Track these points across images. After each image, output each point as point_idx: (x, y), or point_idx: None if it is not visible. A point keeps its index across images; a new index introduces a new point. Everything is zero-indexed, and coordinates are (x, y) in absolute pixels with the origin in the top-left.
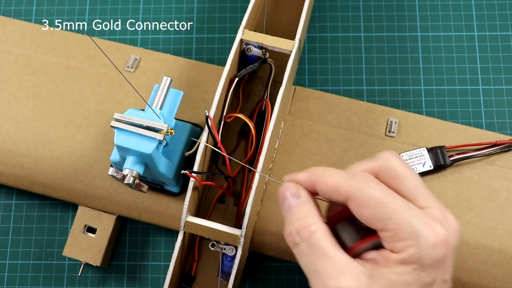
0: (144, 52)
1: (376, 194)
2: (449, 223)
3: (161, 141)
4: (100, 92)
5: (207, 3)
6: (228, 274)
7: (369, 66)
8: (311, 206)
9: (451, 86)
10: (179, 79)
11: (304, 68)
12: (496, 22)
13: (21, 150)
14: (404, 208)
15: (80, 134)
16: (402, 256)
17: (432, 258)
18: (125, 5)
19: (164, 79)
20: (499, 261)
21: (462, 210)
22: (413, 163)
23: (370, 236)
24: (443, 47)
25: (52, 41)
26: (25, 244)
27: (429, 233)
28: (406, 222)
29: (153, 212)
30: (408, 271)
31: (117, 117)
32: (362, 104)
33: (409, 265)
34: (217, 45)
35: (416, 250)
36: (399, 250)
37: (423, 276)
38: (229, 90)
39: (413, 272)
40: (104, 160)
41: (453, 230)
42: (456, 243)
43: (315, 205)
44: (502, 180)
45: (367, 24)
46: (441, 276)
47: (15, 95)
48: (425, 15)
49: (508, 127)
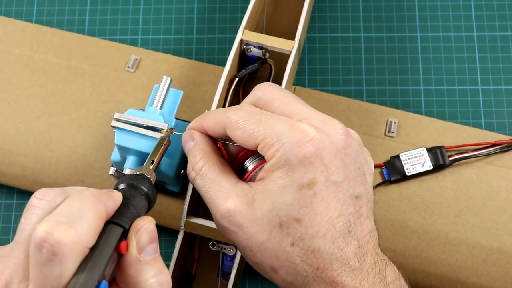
0: (145, 52)
1: (242, 115)
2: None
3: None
4: (100, 92)
5: (207, 3)
6: (228, 274)
7: (369, 66)
8: (203, 146)
9: (451, 86)
10: (179, 79)
11: (304, 68)
12: (495, 23)
13: (22, 150)
14: (268, 119)
15: (81, 134)
16: (272, 162)
17: (298, 156)
18: (125, 5)
19: (164, 78)
20: (498, 260)
21: (462, 210)
22: (412, 163)
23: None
24: (442, 48)
25: (52, 42)
26: None
27: (292, 133)
28: (270, 129)
29: (153, 212)
30: (280, 175)
31: (117, 117)
32: (361, 104)
33: (280, 168)
34: (217, 45)
35: (282, 152)
36: (269, 158)
37: (297, 177)
38: (229, 90)
39: (285, 175)
40: (104, 160)
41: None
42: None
43: (209, 144)
44: (501, 180)
45: (366, 24)
46: (324, 176)
47: (16, 95)
48: (424, 15)
49: (507, 127)
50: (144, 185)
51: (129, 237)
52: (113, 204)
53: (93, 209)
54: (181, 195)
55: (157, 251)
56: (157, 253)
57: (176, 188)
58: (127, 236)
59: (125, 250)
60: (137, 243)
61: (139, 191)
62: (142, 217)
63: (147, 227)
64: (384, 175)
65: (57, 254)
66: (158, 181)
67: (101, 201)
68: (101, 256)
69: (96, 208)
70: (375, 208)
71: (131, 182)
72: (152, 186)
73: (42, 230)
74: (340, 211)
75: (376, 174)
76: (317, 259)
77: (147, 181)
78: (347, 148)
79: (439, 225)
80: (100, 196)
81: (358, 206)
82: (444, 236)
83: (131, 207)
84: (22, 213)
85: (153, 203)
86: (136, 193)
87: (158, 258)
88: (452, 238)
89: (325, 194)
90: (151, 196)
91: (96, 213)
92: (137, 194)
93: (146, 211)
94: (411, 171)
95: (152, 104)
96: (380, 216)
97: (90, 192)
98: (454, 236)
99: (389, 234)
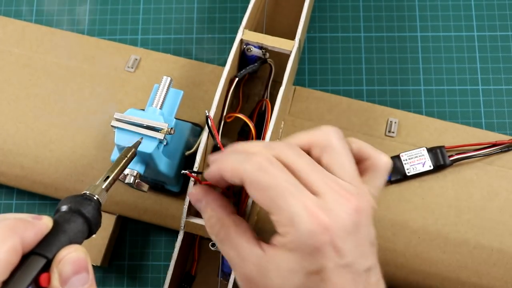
0: (144, 52)
1: (263, 178)
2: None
3: (161, 141)
4: (100, 92)
5: (207, 3)
6: (228, 274)
7: (369, 66)
8: (214, 206)
9: (451, 86)
10: (179, 79)
11: (304, 68)
12: (496, 23)
13: (22, 150)
14: (289, 193)
15: (80, 134)
16: (284, 241)
17: (311, 247)
18: (125, 5)
19: (164, 78)
20: (498, 260)
21: (462, 210)
22: (412, 163)
23: None
24: (442, 47)
25: (52, 41)
26: None
27: (306, 220)
28: (287, 208)
29: (153, 212)
30: (290, 258)
31: (117, 117)
32: (362, 104)
33: (290, 252)
34: (217, 45)
35: (293, 238)
36: (283, 235)
37: (306, 264)
38: (229, 90)
39: (294, 260)
40: (104, 160)
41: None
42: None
43: (220, 201)
44: (501, 180)
45: (367, 24)
46: (334, 262)
47: (16, 95)
48: (424, 15)
49: (507, 127)
50: (85, 208)
51: (51, 269)
52: (33, 234)
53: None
54: (181, 195)
55: (88, 282)
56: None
57: (176, 188)
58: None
59: (47, 283)
60: (59, 274)
61: (77, 215)
62: (69, 246)
63: (71, 257)
64: None
65: None
66: (158, 181)
67: (16, 232)
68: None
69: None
70: None
71: (69, 205)
72: (97, 208)
73: None
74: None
75: None
76: None
77: (90, 203)
78: (360, 226)
79: (440, 225)
80: (16, 227)
81: (367, 279)
82: (444, 237)
83: (60, 234)
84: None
85: (95, 227)
86: (73, 218)
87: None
88: (452, 238)
89: (334, 278)
90: (92, 220)
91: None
92: (74, 218)
93: (87, 236)
94: (412, 171)
95: (152, 104)
96: (380, 216)
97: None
98: (455, 236)
99: (389, 234)
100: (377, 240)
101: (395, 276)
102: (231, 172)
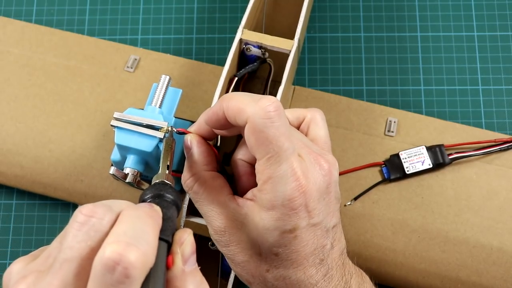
0: (144, 52)
1: (268, 129)
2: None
3: (161, 139)
4: (99, 92)
5: (207, 3)
6: (228, 274)
7: (369, 66)
8: (199, 156)
9: (451, 86)
10: (179, 79)
11: (304, 68)
12: (496, 23)
13: (21, 150)
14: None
15: (80, 134)
16: (262, 197)
17: (287, 208)
18: (125, 5)
19: (162, 77)
20: (498, 259)
21: (461, 209)
22: (412, 161)
23: None
24: (442, 47)
25: (52, 41)
26: (25, 244)
27: (289, 184)
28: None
29: None
30: (266, 217)
31: (117, 116)
32: (361, 103)
33: (268, 211)
34: (217, 45)
35: (272, 197)
36: (261, 190)
37: (280, 224)
38: (229, 90)
39: (270, 219)
40: (104, 159)
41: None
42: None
43: (204, 155)
44: (501, 179)
45: (367, 24)
46: (306, 221)
47: (15, 95)
48: (424, 15)
49: (507, 127)
50: (170, 194)
51: (174, 250)
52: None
53: (152, 229)
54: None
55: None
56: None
57: (176, 187)
58: (171, 250)
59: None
60: (182, 255)
61: (167, 200)
62: (184, 229)
63: (190, 239)
64: (384, 174)
65: (130, 277)
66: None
67: (155, 219)
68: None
69: (153, 227)
70: (375, 208)
71: (160, 193)
72: (177, 192)
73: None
74: (315, 246)
75: (376, 172)
76: (287, 285)
77: (171, 189)
78: (330, 186)
79: (439, 224)
80: (153, 214)
81: (332, 235)
82: (444, 235)
83: (168, 220)
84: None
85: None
86: (167, 204)
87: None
88: (452, 237)
89: (304, 236)
90: (179, 204)
91: (155, 233)
92: (168, 204)
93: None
94: (411, 169)
95: (151, 103)
96: (380, 215)
97: (143, 210)
98: (454, 235)
99: (389, 233)
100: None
101: (394, 275)
102: (236, 110)
